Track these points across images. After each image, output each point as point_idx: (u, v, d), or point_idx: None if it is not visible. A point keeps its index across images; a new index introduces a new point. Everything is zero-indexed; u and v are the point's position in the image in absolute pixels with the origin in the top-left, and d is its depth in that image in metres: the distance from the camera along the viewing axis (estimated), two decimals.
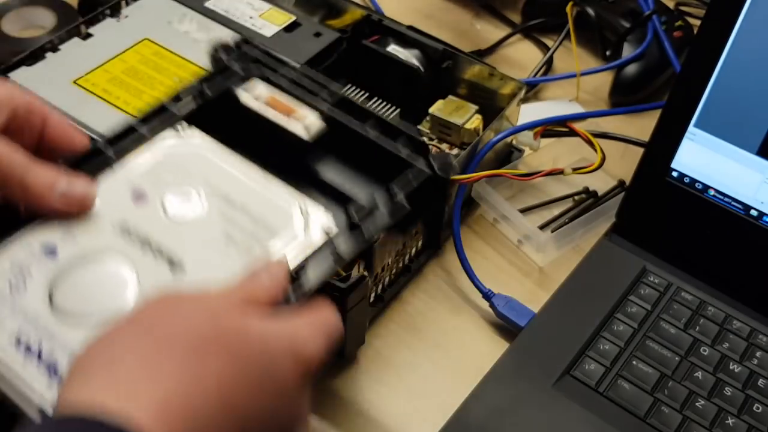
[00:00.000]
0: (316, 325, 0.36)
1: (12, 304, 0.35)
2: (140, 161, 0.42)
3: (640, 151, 0.62)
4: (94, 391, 0.30)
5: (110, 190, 0.40)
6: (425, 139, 0.63)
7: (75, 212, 0.39)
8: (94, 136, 0.56)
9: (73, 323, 0.35)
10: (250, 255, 0.38)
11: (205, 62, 0.52)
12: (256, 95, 0.46)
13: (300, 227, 0.39)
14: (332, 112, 0.44)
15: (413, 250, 0.59)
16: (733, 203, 0.58)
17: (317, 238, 0.39)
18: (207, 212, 0.40)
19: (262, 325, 0.34)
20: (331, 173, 0.43)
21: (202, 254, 0.38)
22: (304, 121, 0.44)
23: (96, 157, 0.42)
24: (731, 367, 0.54)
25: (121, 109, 0.59)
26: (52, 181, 0.38)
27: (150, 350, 0.31)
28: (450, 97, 0.65)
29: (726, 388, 0.53)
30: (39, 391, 0.33)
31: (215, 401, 0.31)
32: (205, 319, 0.33)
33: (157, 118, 0.44)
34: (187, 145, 0.43)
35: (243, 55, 0.49)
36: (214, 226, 0.39)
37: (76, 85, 0.61)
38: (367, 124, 0.44)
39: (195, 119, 0.44)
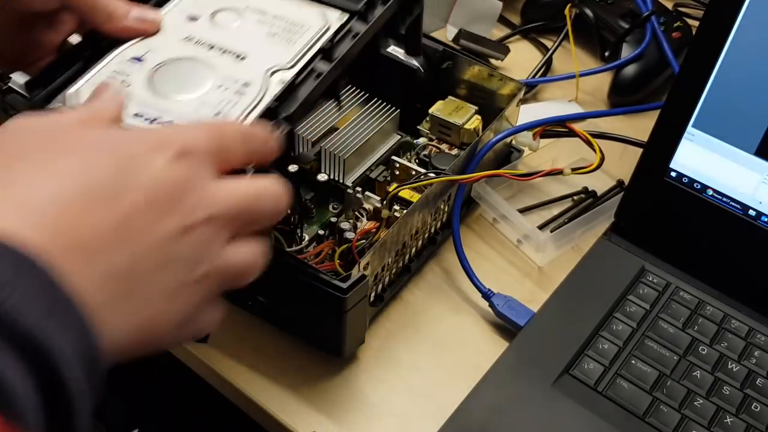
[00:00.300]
0: (194, 123, 0.37)
1: (124, 95, 0.43)
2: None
3: (639, 151, 0.62)
4: None
5: (169, 18, 0.50)
6: (425, 139, 0.64)
7: (148, 31, 0.48)
8: None
9: (175, 99, 0.45)
10: (292, 44, 0.49)
11: None
12: None
13: (322, 22, 0.50)
14: None
15: (413, 250, 0.60)
16: (732, 203, 0.58)
17: (337, 26, 0.50)
18: (248, 21, 0.50)
19: (112, 130, 0.35)
20: None
21: (256, 48, 0.48)
22: None
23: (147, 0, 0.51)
24: (730, 367, 0.55)
25: None
26: (128, 9, 0.48)
27: (2, 164, 0.32)
28: (450, 97, 0.65)
29: (724, 388, 0.54)
30: None
31: (78, 190, 0.31)
32: (51, 130, 0.34)
33: None
34: None
35: None
36: (258, 30, 0.50)
37: None
38: None
39: None
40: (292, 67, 0.47)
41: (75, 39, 0.50)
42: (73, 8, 0.47)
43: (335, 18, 0.50)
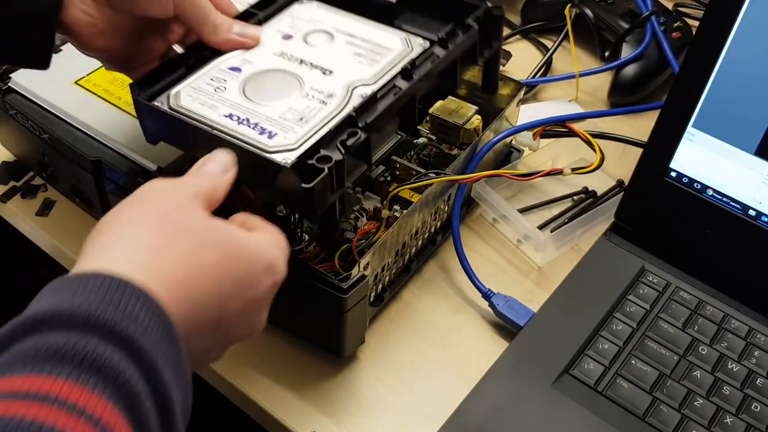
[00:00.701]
0: (282, 248, 0.42)
1: (219, 98, 0.50)
2: (281, 19, 0.57)
3: (639, 151, 0.62)
4: (110, 263, 0.34)
5: (265, 35, 0.55)
6: (425, 139, 0.64)
7: (248, 44, 0.53)
8: (99, 138, 0.57)
9: (264, 104, 0.49)
10: (375, 64, 0.53)
11: None
12: None
13: (405, 46, 0.54)
14: None
15: (413, 250, 0.60)
16: (732, 203, 0.58)
17: (418, 51, 0.54)
18: (338, 42, 0.55)
19: (243, 234, 0.40)
20: (418, 24, 0.57)
21: (342, 66, 0.53)
22: None
23: (248, 19, 0.56)
24: (730, 367, 0.55)
25: (122, 110, 0.59)
26: (231, 23, 0.53)
27: (164, 236, 0.37)
28: (450, 97, 0.65)
29: (724, 387, 0.54)
30: (255, 138, 0.47)
31: (209, 286, 0.37)
32: (204, 220, 0.39)
33: None
34: (312, 7, 0.58)
35: None
36: (345, 49, 0.54)
37: (77, 85, 0.61)
38: None
39: None
40: (373, 83, 0.51)
41: (177, 49, 0.55)
42: (184, 18, 0.51)
43: (418, 44, 0.54)
